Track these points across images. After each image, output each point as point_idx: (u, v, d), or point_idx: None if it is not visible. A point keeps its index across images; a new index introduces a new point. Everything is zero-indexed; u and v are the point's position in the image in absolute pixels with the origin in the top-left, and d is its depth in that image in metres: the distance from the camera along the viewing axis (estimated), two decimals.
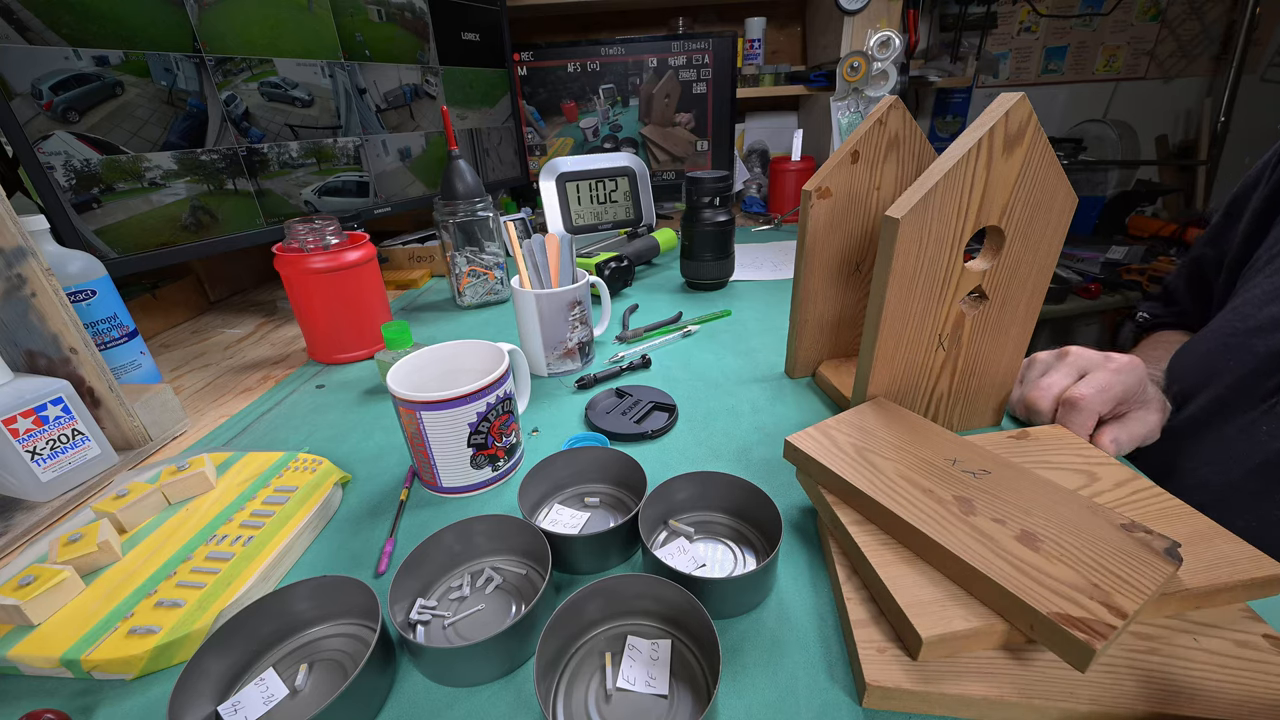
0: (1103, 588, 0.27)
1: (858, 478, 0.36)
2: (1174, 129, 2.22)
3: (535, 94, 1.30)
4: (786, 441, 0.40)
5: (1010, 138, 0.38)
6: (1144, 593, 0.27)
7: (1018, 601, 0.27)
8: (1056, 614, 0.26)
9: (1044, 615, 0.26)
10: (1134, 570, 0.28)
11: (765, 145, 1.60)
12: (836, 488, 0.37)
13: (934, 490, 0.35)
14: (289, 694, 0.31)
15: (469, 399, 0.42)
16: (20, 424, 0.45)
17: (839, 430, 0.41)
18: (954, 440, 0.39)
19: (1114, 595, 0.27)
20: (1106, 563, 0.29)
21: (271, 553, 0.39)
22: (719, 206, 0.83)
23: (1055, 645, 0.27)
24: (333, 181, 0.88)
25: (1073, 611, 0.26)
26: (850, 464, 0.37)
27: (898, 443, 0.39)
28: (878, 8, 1.28)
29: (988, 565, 0.29)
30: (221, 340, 0.81)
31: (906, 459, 0.38)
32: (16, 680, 0.34)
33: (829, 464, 0.37)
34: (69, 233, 0.63)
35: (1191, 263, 0.64)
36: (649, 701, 0.30)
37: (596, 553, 0.38)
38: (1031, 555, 0.30)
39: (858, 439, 0.40)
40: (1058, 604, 0.27)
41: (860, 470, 0.37)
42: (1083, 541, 0.30)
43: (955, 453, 0.38)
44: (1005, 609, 0.28)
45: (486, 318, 0.84)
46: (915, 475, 0.36)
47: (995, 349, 0.47)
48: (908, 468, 0.37)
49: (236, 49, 0.74)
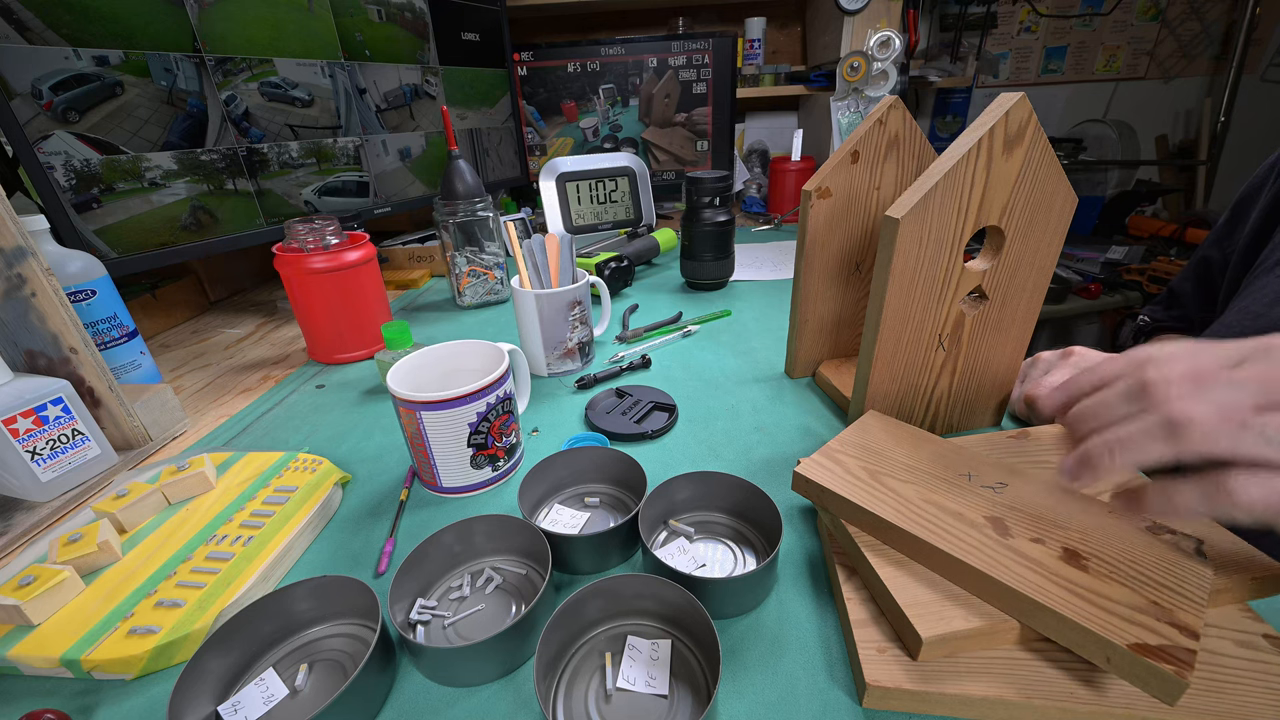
0: (1163, 605, 0.27)
1: (884, 508, 0.34)
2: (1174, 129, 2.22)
3: (535, 94, 1.30)
4: (796, 473, 0.38)
5: (1010, 138, 0.38)
6: (1199, 603, 0.27)
7: (1089, 634, 0.26)
8: (1136, 645, 0.25)
9: (1123, 648, 0.25)
10: (1180, 580, 0.28)
11: (765, 145, 1.60)
12: (864, 521, 0.35)
13: (963, 513, 0.33)
14: (289, 694, 0.31)
15: (469, 399, 0.42)
16: (20, 424, 0.45)
17: (844, 453, 0.39)
18: (958, 451, 0.39)
19: (1177, 613, 0.26)
20: (1153, 574, 0.28)
21: (271, 553, 0.39)
22: (719, 206, 0.83)
23: (1138, 679, 0.26)
24: (333, 181, 0.88)
25: (1150, 640, 0.25)
26: (869, 492, 0.35)
27: (907, 460, 0.38)
28: (878, 8, 1.28)
29: (1047, 596, 0.28)
30: (221, 340, 0.81)
31: (922, 478, 0.36)
32: (16, 680, 0.34)
33: (849, 495, 0.35)
34: (69, 233, 0.63)
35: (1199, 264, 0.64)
36: (649, 701, 0.30)
37: (596, 553, 0.38)
38: (1083, 576, 0.29)
39: (866, 461, 0.38)
40: (1132, 633, 0.26)
41: (882, 498, 0.35)
42: (1120, 553, 0.30)
43: (966, 466, 0.37)
44: (1073, 641, 0.27)
45: (486, 318, 0.84)
46: (938, 497, 0.34)
47: (995, 349, 0.47)
48: (927, 489, 0.35)
49: (236, 49, 0.74)
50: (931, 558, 0.32)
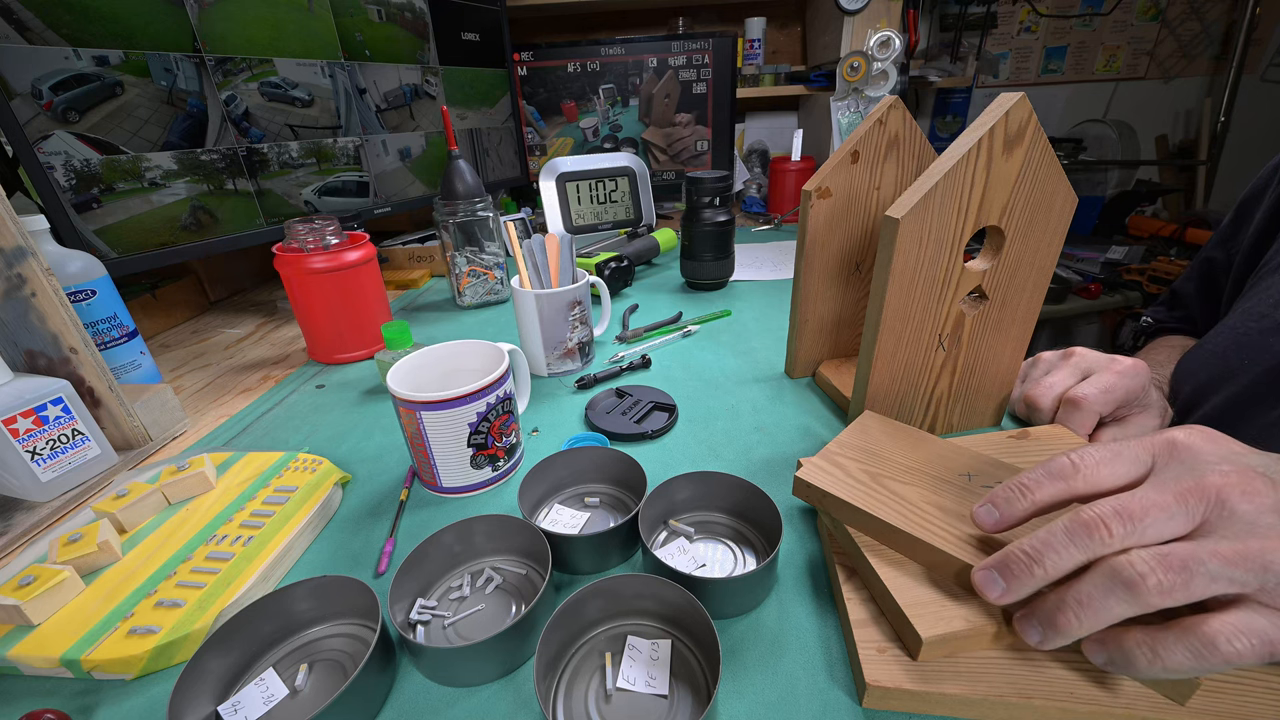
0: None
1: (887, 512, 0.33)
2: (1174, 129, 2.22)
3: (535, 94, 1.30)
4: (797, 478, 0.38)
5: (1010, 138, 0.38)
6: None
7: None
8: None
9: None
10: None
11: (765, 145, 1.60)
12: (866, 525, 0.34)
13: (965, 515, 0.33)
14: (289, 694, 0.31)
15: (469, 399, 0.42)
16: (20, 424, 0.45)
17: (843, 455, 0.39)
18: (957, 451, 0.39)
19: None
20: None
21: (271, 553, 0.39)
22: (719, 206, 0.83)
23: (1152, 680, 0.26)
24: (333, 181, 0.88)
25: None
26: (871, 495, 0.35)
27: (906, 462, 0.38)
28: (878, 8, 1.28)
29: None
30: (221, 340, 0.81)
31: (922, 480, 0.36)
32: (16, 680, 0.34)
33: (852, 500, 0.35)
34: (69, 233, 0.63)
35: (1202, 264, 0.64)
36: (649, 701, 0.30)
37: (596, 553, 0.38)
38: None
39: (866, 463, 0.38)
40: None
41: (884, 501, 0.34)
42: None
43: (966, 466, 0.37)
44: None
45: (486, 318, 0.84)
46: (943, 500, 0.34)
47: (995, 349, 0.47)
48: (931, 491, 0.35)
49: (236, 49, 0.74)
50: (934, 561, 0.31)
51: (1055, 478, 0.28)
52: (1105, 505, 0.25)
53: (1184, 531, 0.25)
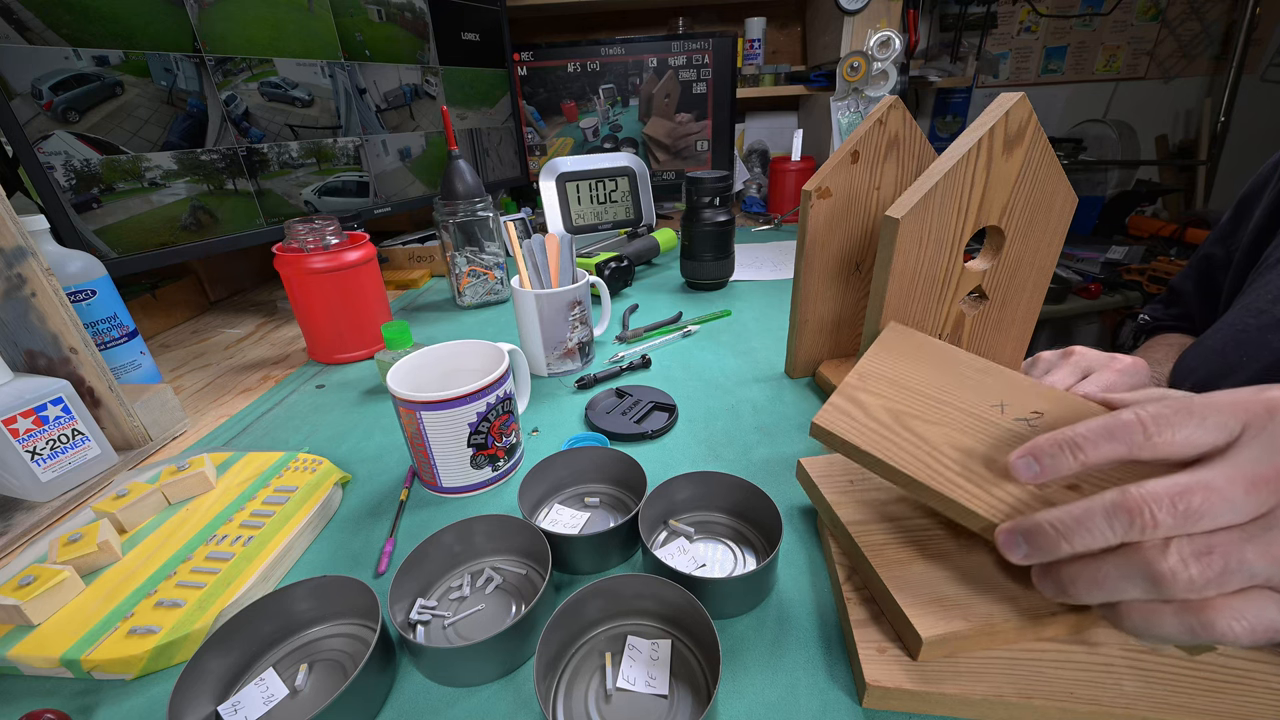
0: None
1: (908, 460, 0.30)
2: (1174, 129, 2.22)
3: (535, 94, 1.30)
4: (815, 424, 0.33)
5: (1010, 138, 0.38)
6: None
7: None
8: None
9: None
10: None
11: (765, 145, 1.60)
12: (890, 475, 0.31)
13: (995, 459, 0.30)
14: (289, 694, 0.31)
15: (469, 399, 0.42)
16: (20, 424, 0.45)
17: (865, 390, 0.35)
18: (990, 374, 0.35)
19: None
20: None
21: (271, 553, 0.39)
22: (719, 206, 0.83)
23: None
24: (333, 181, 0.88)
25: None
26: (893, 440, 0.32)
27: (932, 390, 0.34)
28: (878, 8, 1.28)
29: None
30: (221, 340, 0.81)
31: (949, 416, 0.32)
32: (16, 680, 0.34)
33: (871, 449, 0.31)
34: (69, 233, 0.63)
35: (1200, 261, 0.64)
36: (649, 701, 0.30)
37: (596, 553, 0.38)
38: None
39: (889, 398, 0.34)
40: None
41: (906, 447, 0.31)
42: None
43: (999, 394, 0.33)
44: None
45: (486, 318, 0.84)
46: (972, 441, 0.31)
47: (995, 349, 0.47)
48: (958, 431, 0.31)
49: (236, 49, 0.74)
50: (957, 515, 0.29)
51: (1115, 438, 0.24)
52: (1160, 488, 0.22)
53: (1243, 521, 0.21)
